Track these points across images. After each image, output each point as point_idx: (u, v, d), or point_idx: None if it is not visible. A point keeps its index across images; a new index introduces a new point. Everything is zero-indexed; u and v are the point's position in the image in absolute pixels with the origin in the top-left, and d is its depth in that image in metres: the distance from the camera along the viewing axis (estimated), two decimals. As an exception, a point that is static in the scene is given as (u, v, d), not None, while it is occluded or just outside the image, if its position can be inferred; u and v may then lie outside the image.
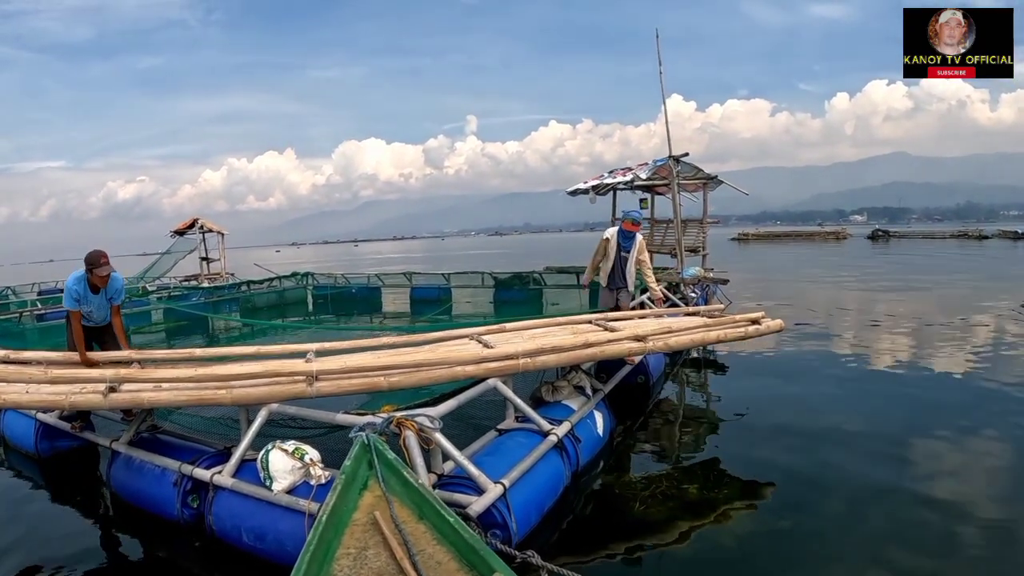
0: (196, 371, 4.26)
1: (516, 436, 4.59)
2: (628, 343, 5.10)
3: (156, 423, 5.19)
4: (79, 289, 5.13)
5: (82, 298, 5.18)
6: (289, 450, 3.89)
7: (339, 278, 20.07)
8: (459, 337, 5.55)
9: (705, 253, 14.80)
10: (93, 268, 5.08)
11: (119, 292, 5.42)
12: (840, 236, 64.18)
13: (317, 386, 4.06)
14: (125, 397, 4.20)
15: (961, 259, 31.92)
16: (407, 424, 3.63)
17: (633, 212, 7.88)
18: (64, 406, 4.42)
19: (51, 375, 4.36)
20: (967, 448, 5.59)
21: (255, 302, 18.69)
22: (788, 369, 8.91)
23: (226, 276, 21.29)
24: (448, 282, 18.11)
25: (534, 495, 4.08)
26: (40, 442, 5.87)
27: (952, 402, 6.94)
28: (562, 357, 4.74)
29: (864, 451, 5.50)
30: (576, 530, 4.36)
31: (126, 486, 4.79)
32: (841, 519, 4.31)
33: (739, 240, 66.49)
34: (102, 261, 5.07)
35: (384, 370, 4.22)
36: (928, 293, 17.58)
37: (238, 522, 3.96)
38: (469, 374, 4.39)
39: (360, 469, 3.10)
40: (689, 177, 14.39)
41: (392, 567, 2.63)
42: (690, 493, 4.74)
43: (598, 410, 5.66)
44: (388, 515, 2.84)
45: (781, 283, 21.83)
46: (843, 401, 7.13)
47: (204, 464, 4.31)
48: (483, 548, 2.66)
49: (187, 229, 21.62)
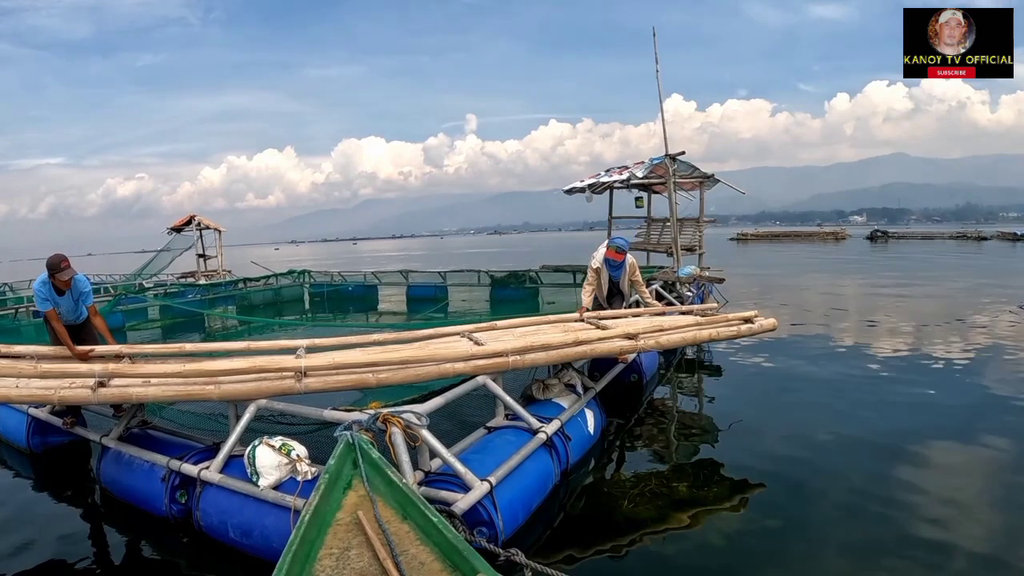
0: (184, 367, 4.26)
1: (505, 434, 4.59)
2: (619, 341, 5.12)
3: (147, 419, 5.19)
4: (45, 291, 5.22)
5: (51, 299, 5.26)
6: (276, 446, 3.89)
7: (336, 276, 20.09)
8: (450, 334, 5.56)
9: (702, 252, 14.81)
10: (54, 273, 5.17)
11: (86, 294, 5.50)
12: (839, 236, 64.25)
13: (305, 382, 4.07)
14: (114, 392, 4.21)
15: (959, 260, 31.94)
16: (393, 421, 3.62)
17: (618, 239, 7.64)
18: (53, 400, 4.44)
19: (41, 370, 4.37)
20: (963, 453, 5.54)
21: (251, 299, 18.72)
22: (783, 370, 8.88)
23: (223, 273, 21.28)
24: (444, 280, 18.15)
25: (521, 493, 4.08)
26: (32, 437, 5.88)
27: (949, 405, 6.90)
28: (551, 355, 4.75)
29: (857, 454, 5.47)
30: (566, 528, 4.36)
31: (116, 481, 4.79)
32: (830, 522, 4.31)
33: (738, 240, 66.60)
34: (63, 266, 5.16)
35: (372, 367, 4.23)
36: (925, 294, 17.57)
37: (225, 517, 3.97)
38: (458, 371, 4.40)
39: (344, 468, 3.08)
40: (686, 176, 14.39)
41: (375, 567, 2.62)
42: (679, 491, 4.74)
43: (589, 408, 5.66)
44: (372, 515, 2.83)
45: (779, 283, 21.84)
46: (838, 403, 7.09)
47: (192, 460, 4.32)
48: (467, 548, 2.66)
49: (184, 226, 21.60)
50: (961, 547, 3.89)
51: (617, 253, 7.21)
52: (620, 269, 7.33)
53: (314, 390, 4.08)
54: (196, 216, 21.77)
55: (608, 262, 7.28)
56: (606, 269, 7.32)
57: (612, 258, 7.24)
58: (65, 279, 5.22)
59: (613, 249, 7.23)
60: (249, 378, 4.13)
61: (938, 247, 45.52)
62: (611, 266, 7.32)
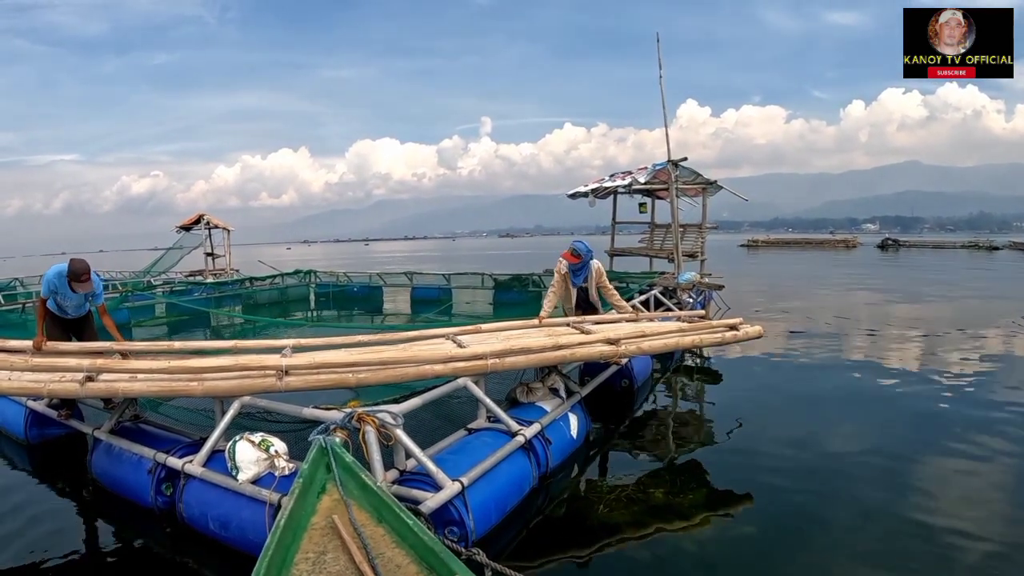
0: (170, 363, 4.38)
1: (483, 436, 4.67)
2: (600, 346, 5.19)
3: (139, 413, 5.32)
4: (56, 283, 5.40)
5: (59, 292, 5.45)
6: (255, 441, 4.00)
7: (341, 276, 20.26)
8: (435, 336, 5.65)
9: (703, 258, 14.85)
10: (74, 281, 5.33)
11: (98, 295, 5.67)
12: (850, 244, 63.88)
13: (286, 380, 4.16)
14: (101, 386, 4.34)
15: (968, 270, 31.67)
16: (368, 420, 3.71)
17: (577, 242, 7.04)
18: (43, 393, 4.59)
19: (31, 363, 4.50)
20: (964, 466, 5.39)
21: (257, 298, 18.91)
22: (784, 379, 8.82)
23: (231, 272, 21.52)
24: (448, 283, 18.28)
25: (495, 494, 4.15)
26: (30, 429, 6.04)
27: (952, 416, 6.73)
28: (531, 359, 4.82)
29: (852, 465, 5.43)
30: (543, 531, 4.42)
31: (106, 473, 4.93)
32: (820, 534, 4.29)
33: (748, 247, 66.39)
34: (83, 278, 5.30)
35: (353, 367, 4.33)
36: (932, 302, 17.49)
37: (205, 510, 4.09)
38: (437, 373, 4.48)
39: (318, 473, 3.10)
40: (688, 182, 14.47)
41: (351, 571, 2.61)
42: (656, 497, 4.77)
43: (573, 412, 5.71)
44: (347, 519, 2.83)
45: (786, 290, 21.76)
46: (838, 413, 7.03)
47: (178, 453, 4.44)
48: (443, 550, 2.66)
49: (193, 225, 21.87)
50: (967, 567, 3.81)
51: (573, 256, 6.86)
52: (581, 274, 7.05)
53: (295, 388, 4.18)
54: (205, 215, 22.04)
55: (570, 267, 6.99)
56: (569, 274, 7.06)
57: (571, 261, 6.91)
58: (84, 290, 5.42)
59: (571, 252, 6.88)
60: (232, 375, 4.24)
61: (948, 256, 45.14)
62: (573, 271, 7.04)
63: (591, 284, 7.09)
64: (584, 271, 7.04)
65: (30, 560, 4.09)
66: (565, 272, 7.02)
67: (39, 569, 4.01)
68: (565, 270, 7.01)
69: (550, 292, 7.10)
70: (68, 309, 5.64)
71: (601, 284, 7.10)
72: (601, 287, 7.12)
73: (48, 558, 4.11)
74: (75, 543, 4.38)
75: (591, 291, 7.14)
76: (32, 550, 4.19)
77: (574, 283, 7.11)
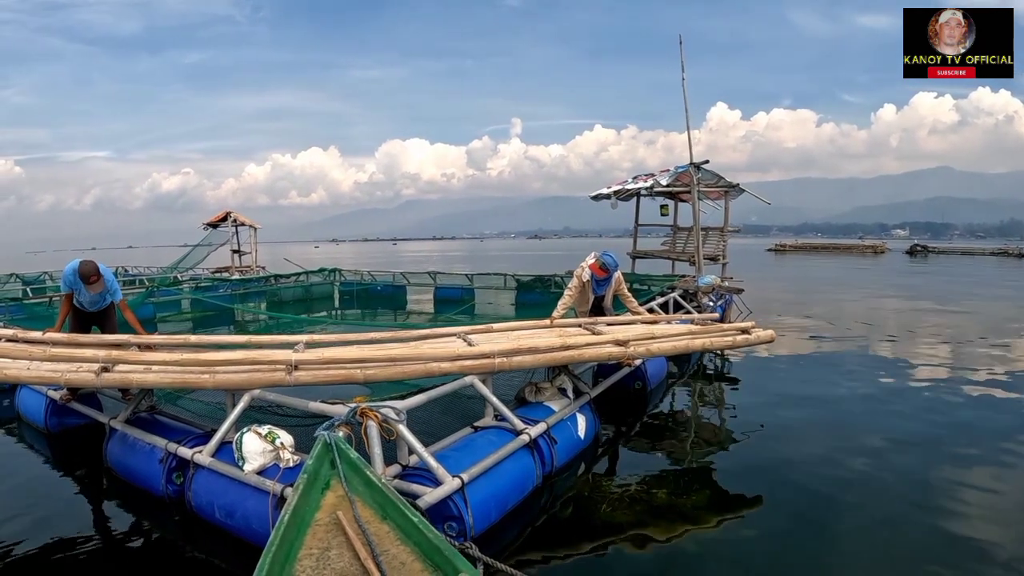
0: (183, 356, 4.47)
1: (488, 434, 4.70)
2: (608, 347, 5.19)
3: (154, 404, 5.45)
4: (72, 279, 5.72)
5: (75, 288, 5.79)
6: (262, 433, 4.07)
7: (365, 275, 20.42)
8: (446, 335, 5.68)
9: (725, 262, 14.71)
10: (84, 283, 5.64)
11: (115, 292, 5.97)
12: (878, 250, 62.81)
13: (295, 375, 4.22)
14: (116, 377, 4.45)
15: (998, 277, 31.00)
16: (371, 414, 3.76)
17: (606, 256, 7.08)
18: (60, 383, 4.77)
19: (49, 354, 4.62)
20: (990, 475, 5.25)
21: (281, 296, 19.13)
22: (804, 384, 8.66)
23: (257, 269, 21.81)
24: (471, 283, 18.35)
25: (496, 492, 4.17)
26: (50, 418, 6.21)
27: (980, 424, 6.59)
28: (539, 358, 4.84)
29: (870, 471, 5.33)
30: (547, 530, 4.41)
31: (120, 462, 5.06)
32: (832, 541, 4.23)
33: (776, 251, 65.69)
34: (91, 280, 5.61)
35: (361, 363, 4.38)
36: (958, 310, 17.12)
37: (212, 499, 4.18)
38: (444, 371, 4.52)
39: (322, 469, 3.13)
40: (710, 184, 14.36)
41: (355, 567, 2.61)
42: (659, 498, 4.75)
43: (582, 413, 5.71)
44: (351, 515, 2.84)
45: (811, 294, 21.48)
46: (857, 420, 6.87)
47: (189, 444, 4.55)
48: (448, 548, 2.67)
49: (220, 222, 22.21)
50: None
51: (602, 270, 7.02)
52: (605, 285, 7.19)
53: (303, 383, 4.24)
54: (232, 212, 22.37)
55: (594, 277, 7.11)
56: (592, 283, 7.17)
57: (597, 274, 7.06)
58: (95, 291, 5.75)
59: (599, 265, 7.01)
60: (242, 369, 4.32)
61: (978, 263, 44.22)
62: (596, 282, 7.16)
63: (609, 292, 7.24)
64: (607, 283, 7.18)
65: (45, 542, 4.19)
66: (587, 280, 7.12)
67: (54, 553, 4.10)
68: (587, 278, 7.11)
69: (565, 295, 7.16)
70: (86, 304, 5.96)
71: (620, 292, 7.26)
72: (619, 294, 7.28)
73: (62, 542, 4.21)
74: (90, 527, 4.51)
75: (607, 298, 7.28)
76: (49, 534, 4.30)
77: (595, 292, 7.24)
